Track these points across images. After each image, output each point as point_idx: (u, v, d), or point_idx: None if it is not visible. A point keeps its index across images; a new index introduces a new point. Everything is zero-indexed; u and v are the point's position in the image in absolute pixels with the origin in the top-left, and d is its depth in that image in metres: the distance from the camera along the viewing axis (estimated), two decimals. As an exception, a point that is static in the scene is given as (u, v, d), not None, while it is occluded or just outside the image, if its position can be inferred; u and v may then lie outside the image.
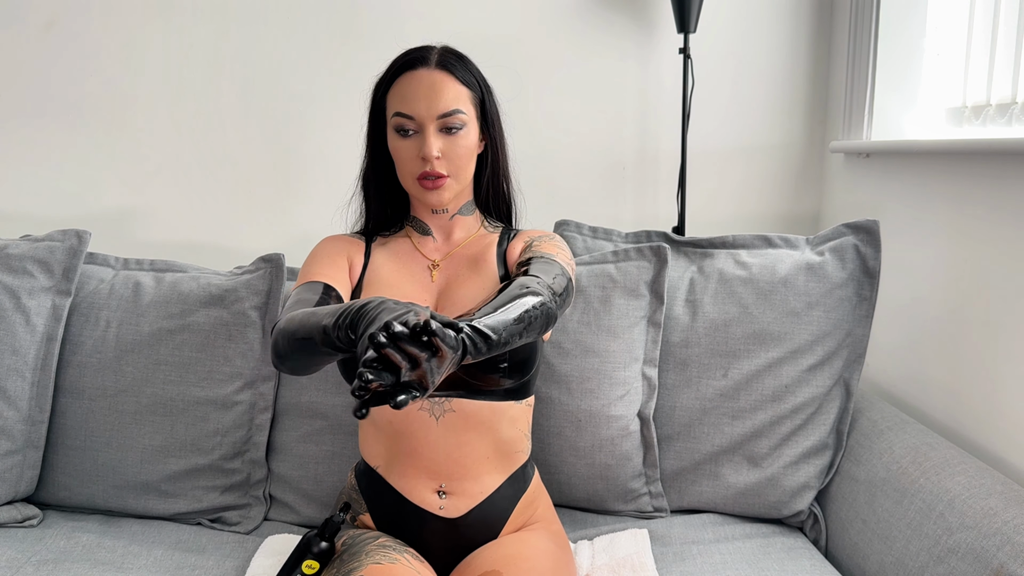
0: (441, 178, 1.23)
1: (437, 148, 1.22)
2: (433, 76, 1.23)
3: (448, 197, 1.26)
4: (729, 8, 1.94)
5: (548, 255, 1.23)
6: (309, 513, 1.55)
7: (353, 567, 1.11)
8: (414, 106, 1.22)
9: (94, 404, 1.54)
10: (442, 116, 1.22)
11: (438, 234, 1.33)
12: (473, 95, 1.26)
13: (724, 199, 2.00)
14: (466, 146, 1.25)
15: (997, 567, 1.08)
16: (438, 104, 1.22)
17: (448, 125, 1.23)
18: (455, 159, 1.24)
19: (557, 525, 1.33)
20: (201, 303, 1.56)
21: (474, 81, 1.27)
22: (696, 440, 1.52)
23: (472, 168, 1.28)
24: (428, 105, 1.22)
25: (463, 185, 1.28)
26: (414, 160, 1.23)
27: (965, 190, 1.45)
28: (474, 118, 1.26)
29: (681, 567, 1.36)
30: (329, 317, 1.00)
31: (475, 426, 1.23)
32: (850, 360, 1.50)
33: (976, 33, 1.55)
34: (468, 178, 1.28)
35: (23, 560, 1.37)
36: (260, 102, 1.94)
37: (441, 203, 1.26)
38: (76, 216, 1.93)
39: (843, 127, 1.86)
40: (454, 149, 1.23)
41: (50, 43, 1.90)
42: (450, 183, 1.25)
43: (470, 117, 1.25)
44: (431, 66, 1.24)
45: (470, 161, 1.27)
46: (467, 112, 1.24)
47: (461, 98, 1.24)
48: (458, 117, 1.23)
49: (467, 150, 1.25)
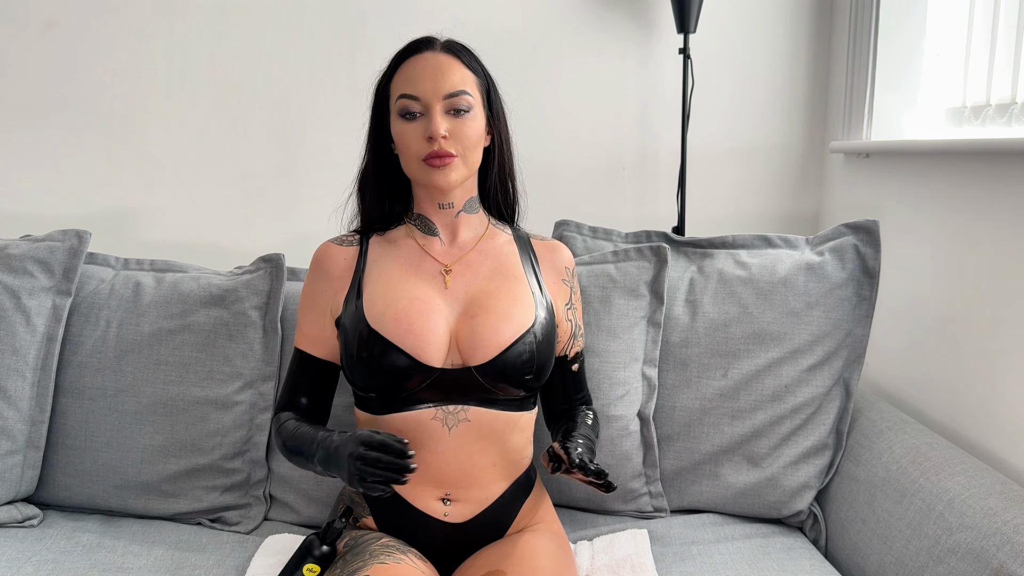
0: (449, 156, 1.19)
1: (444, 128, 1.18)
2: (439, 58, 1.21)
3: (455, 179, 1.21)
4: (729, 8, 1.94)
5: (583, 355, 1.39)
6: (309, 513, 1.55)
7: (357, 567, 1.11)
8: (420, 87, 1.19)
9: (94, 404, 1.54)
10: (449, 96, 1.19)
11: (444, 233, 1.28)
12: (480, 82, 1.24)
13: (724, 199, 2.01)
14: (474, 128, 1.21)
15: (997, 567, 1.08)
16: (445, 84, 1.19)
17: (455, 106, 1.19)
18: (463, 139, 1.20)
19: (558, 526, 1.33)
20: (201, 303, 1.57)
21: (480, 69, 1.25)
22: (696, 440, 1.52)
23: (479, 156, 1.24)
24: (435, 85, 1.19)
25: (470, 171, 1.24)
26: (420, 141, 1.19)
27: (965, 190, 1.45)
28: (480, 105, 1.23)
29: (681, 567, 1.36)
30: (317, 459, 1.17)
31: (487, 435, 1.22)
32: (850, 360, 1.50)
33: (976, 33, 1.55)
34: (475, 164, 1.24)
35: (23, 560, 1.37)
36: (261, 102, 1.94)
37: (448, 184, 1.21)
38: (76, 216, 1.93)
39: (843, 127, 1.86)
40: (462, 130, 1.20)
41: (50, 43, 1.90)
42: (458, 163, 1.20)
43: (477, 102, 1.22)
44: (437, 49, 1.23)
45: (478, 146, 1.23)
46: (474, 96, 1.22)
47: (468, 81, 1.22)
48: (465, 98, 1.20)
49: (475, 133, 1.21)
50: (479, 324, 1.20)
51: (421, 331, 1.19)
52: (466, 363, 1.20)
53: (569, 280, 1.34)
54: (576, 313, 1.35)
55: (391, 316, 1.19)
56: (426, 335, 1.19)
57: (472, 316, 1.21)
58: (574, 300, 1.34)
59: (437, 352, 1.19)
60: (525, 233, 1.36)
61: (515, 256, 1.30)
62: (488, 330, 1.19)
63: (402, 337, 1.18)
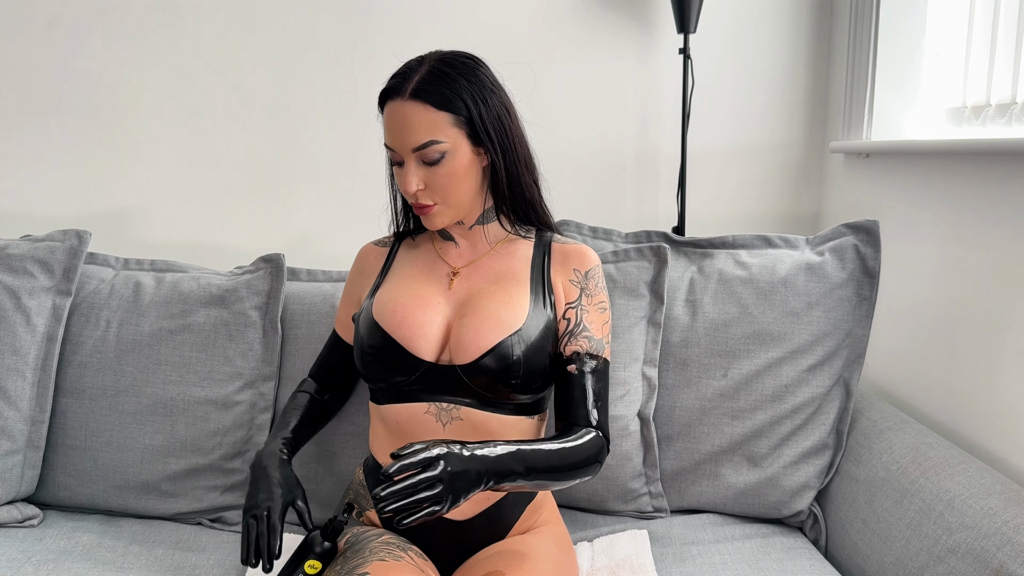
0: (428, 207, 1.22)
1: (416, 181, 1.20)
2: (405, 109, 1.18)
3: (441, 222, 1.24)
4: (729, 8, 1.94)
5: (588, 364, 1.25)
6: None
7: (357, 564, 1.11)
8: (393, 140, 1.21)
9: (94, 404, 1.54)
10: (416, 149, 1.19)
11: (462, 241, 1.31)
12: (456, 117, 1.19)
13: (724, 199, 2.01)
14: (448, 174, 1.20)
15: (997, 567, 1.08)
16: (411, 138, 1.18)
17: (425, 158, 1.19)
18: (438, 188, 1.21)
19: (561, 527, 1.33)
20: (201, 303, 1.57)
21: (459, 101, 1.19)
22: (696, 440, 1.52)
23: (467, 188, 1.23)
24: (403, 140, 1.19)
25: (459, 207, 1.24)
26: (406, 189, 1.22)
27: (965, 190, 1.45)
28: (461, 139, 1.20)
29: (681, 568, 1.36)
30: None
31: (482, 436, 1.22)
32: (850, 360, 1.50)
33: (976, 33, 1.55)
34: (463, 199, 1.24)
35: (23, 560, 1.37)
36: (261, 102, 1.94)
37: (435, 227, 1.25)
38: (76, 216, 1.93)
39: (843, 127, 1.86)
40: (435, 179, 1.20)
41: (51, 43, 1.90)
42: (440, 209, 1.23)
43: (453, 142, 1.19)
44: (404, 96, 1.19)
45: (458, 184, 1.22)
46: (447, 139, 1.19)
47: (437, 126, 1.18)
48: (434, 149, 1.18)
49: (451, 177, 1.21)
50: (464, 325, 1.22)
51: (414, 324, 1.23)
52: (453, 362, 1.22)
53: (579, 281, 1.30)
54: (584, 314, 1.28)
55: (390, 309, 1.25)
56: (418, 328, 1.23)
57: (461, 317, 1.24)
58: (584, 301, 1.29)
59: (428, 346, 1.22)
60: (550, 237, 1.34)
61: (526, 261, 1.30)
62: (471, 332, 1.21)
63: (396, 327, 1.23)
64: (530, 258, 1.30)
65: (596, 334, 1.27)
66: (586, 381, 1.24)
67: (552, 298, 1.28)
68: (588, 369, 1.25)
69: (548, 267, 1.30)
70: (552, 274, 1.30)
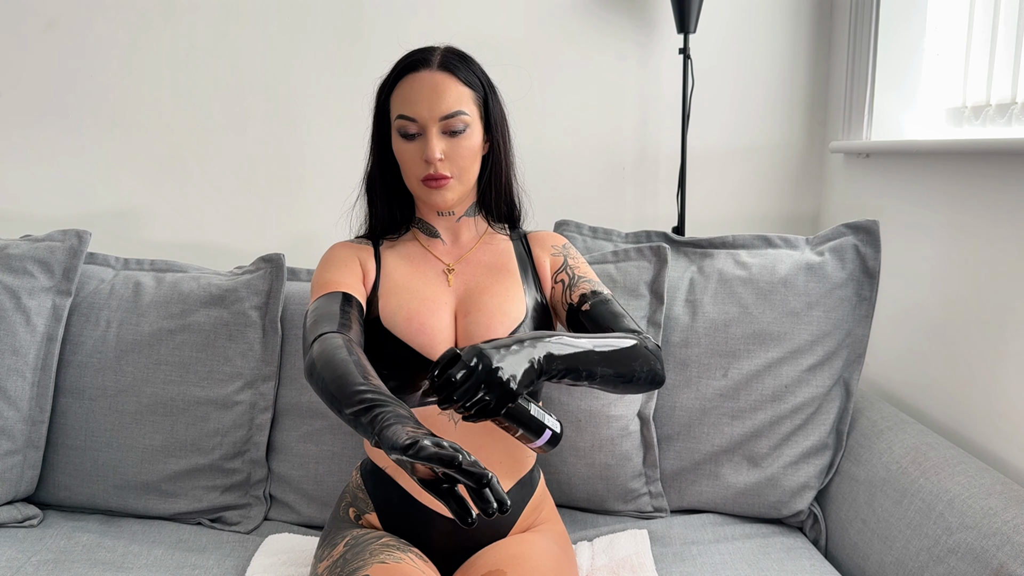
0: (445, 179, 1.23)
1: (440, 150, 1.21)
2: (435, 78, 1.22)
3: (452, 198, 1.26)
4: (729, 8, 1.94)
5: (603, 294, 1.27)
6: (309, 513, 1.55)
7: (358, 566, 1.11)
8: (416, 108, 1.22)
9: (94, 404, 1.54)
10: (444, 118, 1.21)
11: (446, 236, 1.33)
12: (476, 96, 1.25)
13: (724, 199, 2.01)
14: (469, 147, 1.24)
15: (997, 567, 1.08)
16: (440, 106, 1.21)
17: (451, 127, 1.22)
18: (458, 160, 1.23)
19: (560, 526, 1.33)
20: (201, 303, 1.57)
21: (477, 82, 1.26)
22: (696, 440, 1.52)
23: (476, 169, 1.28)
24: (430, 107, 1.21)
25: (467, 187, 1.27)
26: (418, 163, 1.23)
27: (965, 190, 1.45)
28: (477, 119, 1.25)
29: (681, 567, 1.36)
30: (349, 405, 1.00)
31: (492, 431, 1.23)
32: (850, 360, 1.50)
33: (976, 33, 1.55)
34: (472, 179, 1.28)
35: (23, 560, 1.38)
36: (260, 102, 1.94)
37: (446, 204, 1.26)
38: (76, 216, 1.93)
39: (843, 127, 1.86)
40: (457, 151, 1.23)
41: (51, 43, 1.90)
42: (454, 184, 1.24)
43: (473, 118, 1.24)
44: (433, 67, 1.23)
45: (474, 162, 1.26)
46: (470, 113, 1.24)
47: (464, 99, 1.23)
48: (460, 119, 1.22)
49: (471, 151, 1.24)
50: (472, 322, 1.24)
51: (432, 330, 1.23)
52: None
53: (560, 252, 1.35)
54: (576, 269, 1.32)
55: (403, 316, 1.24)
56: (436, 333, 1.24)
57: (466, 313, 1.25)
58: (570, 263, 1.33)
59: (443, 347, 1.23)
60: (523, 231, 1.38)
61: (510, 253, 1.33)
62: (481, 328, 1.23)
63: (413, 335, 1.23)
64: (512, 250, 1.34)
65: (594, 279, 1.32)
66: (611, 306, 1.26)
67: (540, 281, 1.33)
68: (603, 299, 1.27)
69: (530, 252, 1.35)
70: (536, 256, 1.35)
